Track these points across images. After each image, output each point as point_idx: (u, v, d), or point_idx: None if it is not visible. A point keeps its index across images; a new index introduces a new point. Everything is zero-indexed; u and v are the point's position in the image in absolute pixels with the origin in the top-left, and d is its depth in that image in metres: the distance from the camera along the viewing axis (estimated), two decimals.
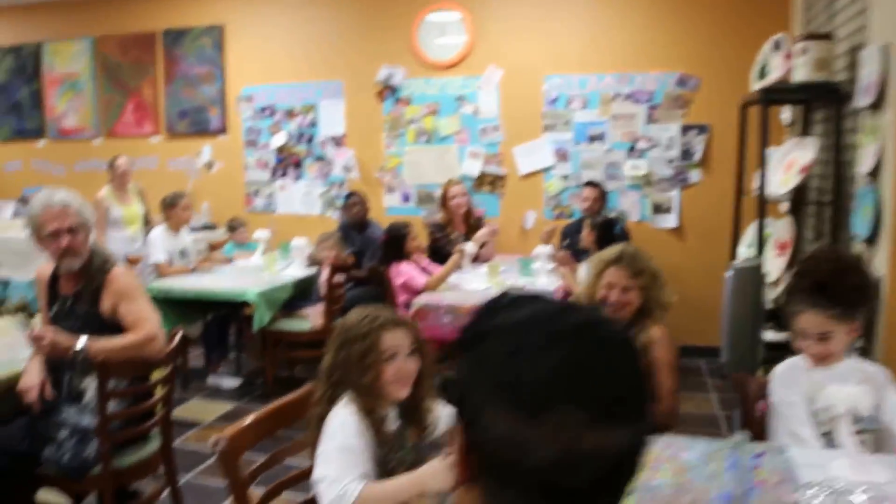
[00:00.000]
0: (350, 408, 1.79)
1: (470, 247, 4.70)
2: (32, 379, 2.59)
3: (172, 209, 5.00)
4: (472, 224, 5.16)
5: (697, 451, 1.96)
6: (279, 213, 6.40)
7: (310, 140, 6.25)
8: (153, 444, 2.78)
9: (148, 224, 5.54)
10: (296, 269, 5.11)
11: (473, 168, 5.80)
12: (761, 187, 3.82)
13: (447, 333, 3.99)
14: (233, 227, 5.87)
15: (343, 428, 1.75)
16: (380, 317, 1.84)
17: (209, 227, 6.36)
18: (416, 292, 4.30)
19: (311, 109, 6.20)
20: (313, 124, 6.21)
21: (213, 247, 5.91)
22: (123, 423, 2.64)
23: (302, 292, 4.97)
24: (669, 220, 5.47)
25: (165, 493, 2.89)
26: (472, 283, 4.43)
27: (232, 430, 1.79)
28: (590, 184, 5.17)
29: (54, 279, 2.77)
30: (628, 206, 5.53)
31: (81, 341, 2.54)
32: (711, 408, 4.41)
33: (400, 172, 6.04)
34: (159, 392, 2.80)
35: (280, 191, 6.38)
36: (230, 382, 4.95)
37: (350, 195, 5.54)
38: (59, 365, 2.62)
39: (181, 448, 3.79)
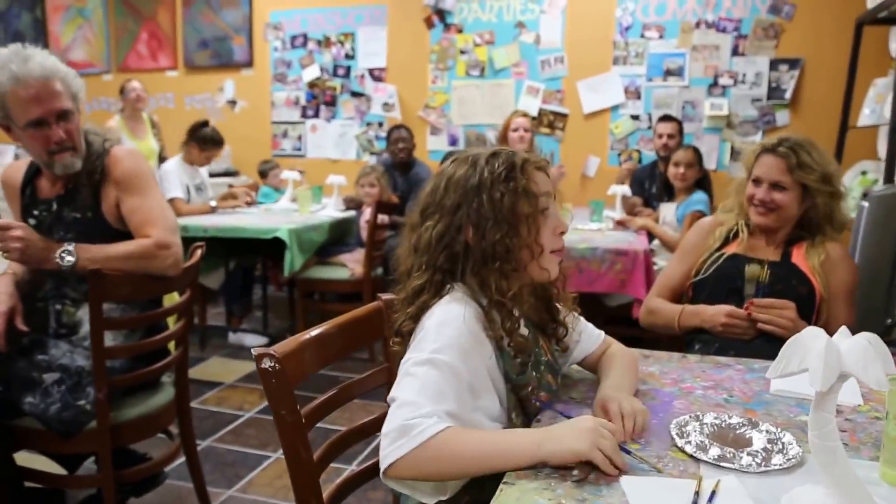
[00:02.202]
0: (462, 301, 1.16)
1: None
2: None
3: (200, 146, 4.34)
4: None
5: None
6: (310, 157, 5.77)
7: (346, 74, 5.60)
8: (164, 395, 2.10)
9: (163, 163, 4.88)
10: (332, 211, 4.49)
11: (531, 106, 5.15)
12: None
13: None
14: (264, 171, 5.24)
15: (442, 332, 1.11)
16: (517, 152, 1.22)
17: (231, 172, 5.73)
18: None
19: (348, 38, 5.55)
20: (350, 56, 5.57)
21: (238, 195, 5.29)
22: (127, 363, 1.96)
23: (338, 237, 4.36)
24: None
25: (180, 460, 2.27)
26: None
27: (282, 347, 1.14)
28: (666, 118, 4.49)
29: (28, 181, 2.03)
30: (705, 151, 4.87)
31: (69, 247, 1.84)
32: None
33: (447, 111, 5.39)
34: (173, 325, 2.11)
35: (311, 132, 5.74)
36: (254, 340, 4.35)
37: (394, 129, 4.88)
38: (43, 289, 1.95)
39: (199, 410, 3.23)
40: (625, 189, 4.11)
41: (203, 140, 4.27)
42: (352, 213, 4.49)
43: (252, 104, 5.89)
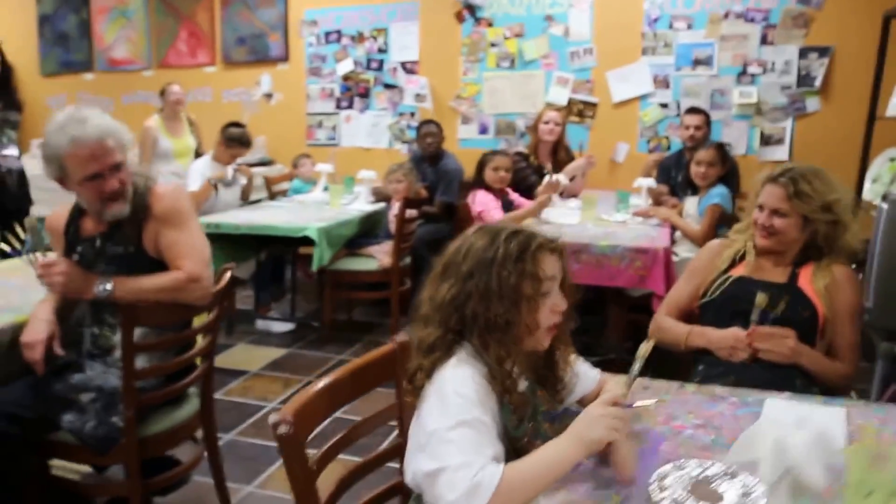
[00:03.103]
0: (470, 364, 1.27)
1: (560, 178, 4.14)
2: (37, 332, 2.01)
3: (227, 145, 4.51)
4: (560, 157, 4.62)
5: None
6: (343, 146, 5.92)
7: (379, 67, 5.72)
8: (190, 407, 2.22)
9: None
10: (361, 204, 4.63)
11: (561, 96, 5.23)
12: None
13: None
14: (296, 162, 5.41)
15: (461, 393, 1.22)
16: (535, 235, 1.32)
17: (265, 162, 5.91)
18: None
19: (381, 33, 5.66)
20: (383, 50, 5.68)
21: (271, 182, 5.47)
22: (157, 380, 2.09)
23: (367, 230, 4.51)
24: (779, 153, 4.86)
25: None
26: (562, 218, 3.91)
27: (296, 404, 1.23)
28: (693, 110, 4.53)
29: (71, 221, 2.19)
30: (734, 137, 4.93)
31: (106, 279, 2.01)
32: None
33: (478, 101, 5.48)
34: (200, 343, 2.22)
35: (345, 122, 5.88)
36: (281, 327, 4.50)
37: (424, 123, 4.99)
38: (81, 316, 2.10)
39: (223, 402, 3.33)
40: (650, 182, 4.18)
41: (230, 139, 4.47)
42: (381, 205, 4.62)
43: (287, 97, 6.04)
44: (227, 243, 4.07)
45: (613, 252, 3.38)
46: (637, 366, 1.36)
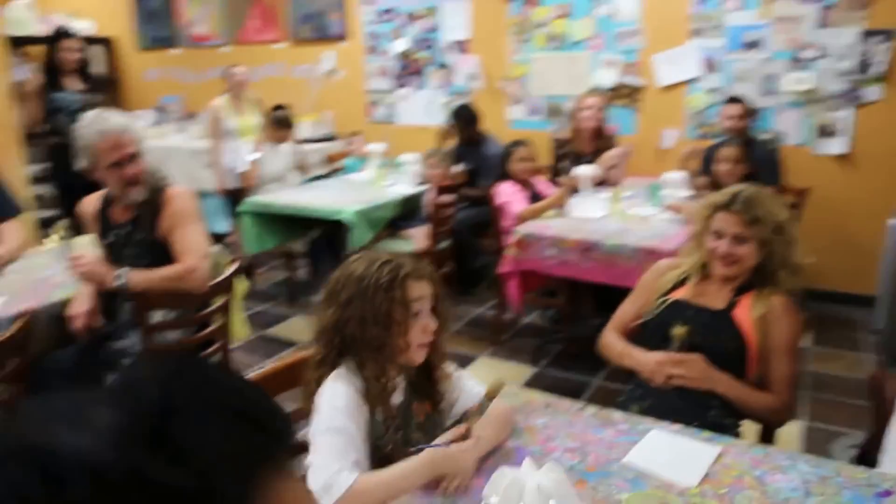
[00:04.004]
0: (346, 379, 1.47)
1: (587, 170, 4.14)
2: (80, 305, 2.51)
3: (274, 126, 4.86)
4: (600, 145, 4.59)
5: (796, 476, 1.48)
6: (400, 123, 6.09)
7: (432, 46, 5.81)
8: None
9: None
10: (404, 186, 4.80)
11: (607, 78, 5.16)
12: None
13: (550, 268, 3.57)
14: (349, 141, 5.64)
15: (333, 404, 1.44)
16: (403, 264, 1.49)
17: (329, 138, 6.16)
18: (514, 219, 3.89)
19: (432, 12, 5.74)
20: (435, 29, 5.76)
21: (332, 158, 5.72)
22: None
23: (409, 211, 4.68)
24: (836, 146, 4.62)
25: None
26: (588, 211, 3.93)
27: None
28: (733, 99, 4.39)
29: (103, 209, 2.61)
30: (786, 127, 4.73)
31: (122, 272, 2.41)
32: (863, 370, 3.65)
33: (526, 82, 5.50)
34: (218, 321, 2.64)
35: (402, 100, 6.04)
36: None
37: (458, 110, 5.09)
38: (119, 294, 2.51)
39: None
40: (679, 175, 4.10)
41: (275, 121, 4.79)
42: (424, 187, 4.78)
43: (349, 74, 6.24)
44: (280, 221, 4.48)
45: (622, 251, 3.38)
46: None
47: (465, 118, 5.00)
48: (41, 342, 2.49)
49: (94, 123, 2.41)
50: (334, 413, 1.42)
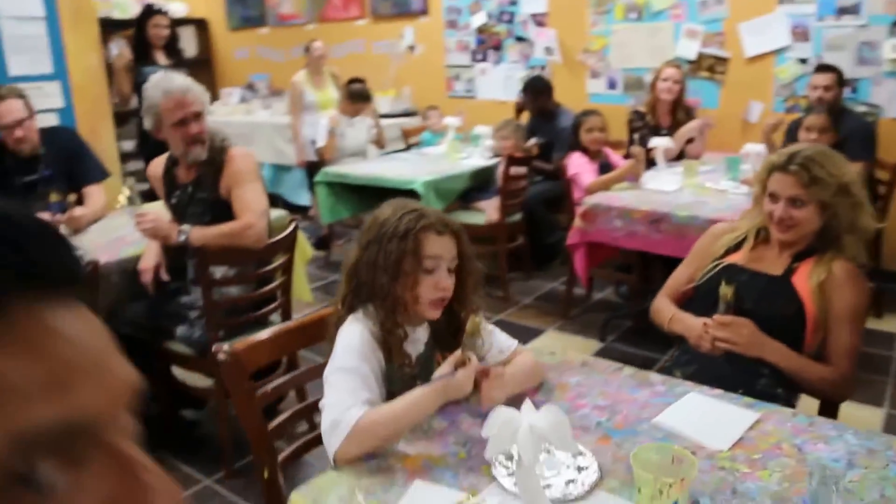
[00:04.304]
0: (362, 322, 1.48)
1: (662, 142, 4.01)
2: (148, 261, 2.67)
3: (350, 99, 4.91)
4: (679, 118, 4.44)
5: (841, 447, 1.39)
6: (479, 98, 6.07)
7: (510, 20, 5.75)
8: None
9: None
10: (477, 159, 4.78)
11: (690, 49, 4.98)
12: None
13: (617, 240, 3.49)
14: (425, 116, 5.66)
15: (348, 345, 1.45)
16: (425, 216, 1.48)
17: (408, 113, 6.21)
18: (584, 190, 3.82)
19: None
20: (514, 2, 5.69)
21: (407, 134, 5.77)
22: (244, 308, 2.62)
23: (481, 184, 4.66)
24: None
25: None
26: (662, 184, 3.80)
27: (241, 344, 1.55)
28: (823, 67, 4.13)
29: (167, 171, 2.72)
30: (884, 98, 4.44)
31: (185, 228, 2.51)
32: None
33: (606, 55, 5.37)
34: (279, 278, 2.71)
35: (480, 75, 6.01)
36: None
37: (529, 81, 5.02)
38: (185, 250, 2.62)
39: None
40: (758, 148, 3.92)
41: (351, 95, 4.84)
42: (497, 160, 4.75)
43: (428, 49, 6.26)
44: (355, 192, 4.59)
45: (693, 223, 3.28)
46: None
47: (535, 90, 4.93)
48: (113, 294, 2.66)
49: (159, 84, 2.50)
50: (348, 354, 1.43)
